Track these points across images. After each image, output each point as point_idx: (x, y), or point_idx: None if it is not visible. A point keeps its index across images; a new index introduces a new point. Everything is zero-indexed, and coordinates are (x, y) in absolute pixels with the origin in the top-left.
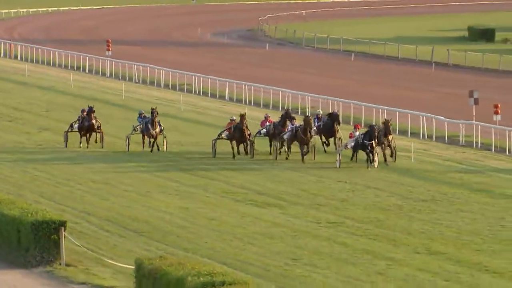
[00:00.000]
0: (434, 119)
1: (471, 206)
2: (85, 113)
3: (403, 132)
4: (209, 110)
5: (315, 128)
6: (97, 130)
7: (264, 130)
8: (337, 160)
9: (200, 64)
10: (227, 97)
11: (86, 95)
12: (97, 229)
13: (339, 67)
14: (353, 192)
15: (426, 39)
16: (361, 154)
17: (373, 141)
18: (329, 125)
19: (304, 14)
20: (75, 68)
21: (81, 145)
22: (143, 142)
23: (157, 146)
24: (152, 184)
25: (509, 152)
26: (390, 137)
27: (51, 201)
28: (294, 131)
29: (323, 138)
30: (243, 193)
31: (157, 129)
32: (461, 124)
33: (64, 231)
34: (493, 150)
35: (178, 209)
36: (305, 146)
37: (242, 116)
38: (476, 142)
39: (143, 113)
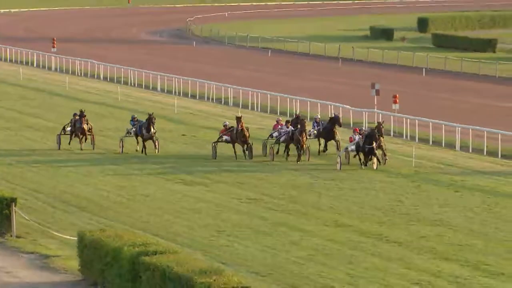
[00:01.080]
0: (341, 108)
1: (373, 184)
2: (77, 117)
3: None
4: (142, 100)
5: (315, 131)
6: (88, 133)
7: (276, 133)
8: (337, 163)
9: (135, 59)
10: (158, 88)
11: (34, 86)
12: (44, 205)
13: (258, 62)
14: (270, 172)
15: (333, 38)
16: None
17: (374, 145)
18: (328, 129)
19: (226, 15)
20: (24, 63)
21: (71, 145)
22: (138, 143)
23: (145, 149)
24: (92, 166)
25: (405, 136)
26: (381, 139)
27: (3, 180)
28: (290, 133)
29: (322, 141)
30: (173, 172)
31: (152, 132)
32: (364, 112)
33: (15, 206)
34: (391, 135)
35: (116, 188)
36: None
37: (239, 119)
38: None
39: (135, 117)
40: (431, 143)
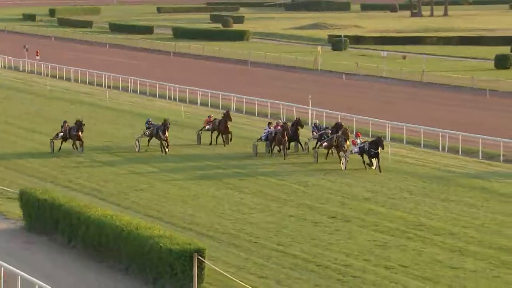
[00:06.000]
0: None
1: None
2: (67, 125)
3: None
4: None
5: (317, 135)
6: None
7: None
8: (342, 163)
9: None
10: None
11: None
12: None
13: None
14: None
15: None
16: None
17: (379, 150)
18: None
19: None
20: None
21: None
22: (149, 143)
23: (164, 148)
24: None
25: (43, 74)
26: (348, 142)
27: None
28: (273, 134)
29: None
30: None
31: (166, 135)
32: (13, 60)
33: None
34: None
35: None
36: (282, 146)
37: (228, 111)
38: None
39: (150, 121)
40: (57, 77)
